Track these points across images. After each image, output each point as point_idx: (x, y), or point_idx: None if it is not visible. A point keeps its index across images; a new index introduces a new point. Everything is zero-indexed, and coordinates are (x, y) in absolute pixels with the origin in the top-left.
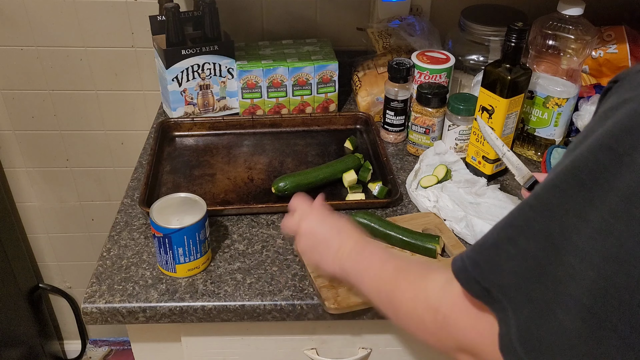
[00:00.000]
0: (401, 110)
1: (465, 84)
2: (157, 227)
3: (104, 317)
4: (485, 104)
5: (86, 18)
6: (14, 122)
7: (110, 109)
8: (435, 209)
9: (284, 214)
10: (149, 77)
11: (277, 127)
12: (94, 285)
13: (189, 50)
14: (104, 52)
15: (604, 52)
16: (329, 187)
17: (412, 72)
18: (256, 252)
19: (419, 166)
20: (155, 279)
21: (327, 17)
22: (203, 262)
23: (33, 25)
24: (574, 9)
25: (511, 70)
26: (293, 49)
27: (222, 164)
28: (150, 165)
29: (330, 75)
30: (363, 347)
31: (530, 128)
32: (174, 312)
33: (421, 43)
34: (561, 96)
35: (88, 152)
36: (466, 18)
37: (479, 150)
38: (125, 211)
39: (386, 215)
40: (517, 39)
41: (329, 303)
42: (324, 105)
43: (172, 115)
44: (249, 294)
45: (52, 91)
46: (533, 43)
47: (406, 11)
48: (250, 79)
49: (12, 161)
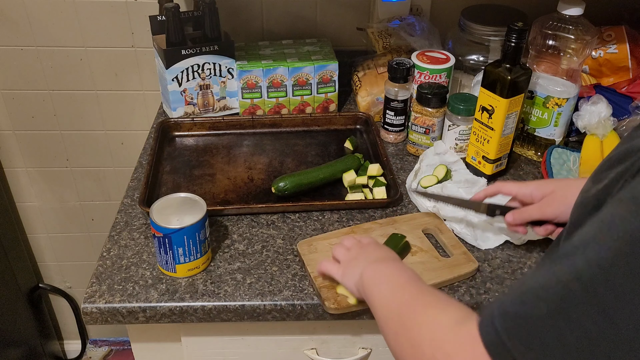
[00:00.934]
0: (401, 110)
1: (465, 84)
2: (157, 227)
3: (104, 317)
4: (485, 104)
5: (86, 18)
6: (14, 122)
7: (110, 109)
8: (435, 209)
9: (284, 214)
10: (149, 77)
11: (277, 127)
12: (94, 285)
13: (189, 50)
14: (104, 52)
15: (604, 52)
16: (329, 187)
17: (412, 72)
18: (256, 252)
19: (419, 166)
20: (155, 279)
21: (327, 17)
22: (203, 262)
23: (33, 25)
24: (574, 9)
25: (511, 70)
26: (293, 49)
27: (222, 164)
28: (150, 165)
29: (330, 75)
30: (363, 347)
31: (530, 128)
32: (174, 312)
33: (421, 43)
34: (561, 96)
35: (88, 152)
36: (466, 18)
37: (479, 150)
38: (125, 211)
39: (386, 215)
40: (517, 39)
41: (329, 303)
42: (324, 105)
43: (172, 115)
44: (249, 294)
45: (52, 91)
46: (533, 43)
47: (406, 11)
48: (250, 79)
49: (12, 161)
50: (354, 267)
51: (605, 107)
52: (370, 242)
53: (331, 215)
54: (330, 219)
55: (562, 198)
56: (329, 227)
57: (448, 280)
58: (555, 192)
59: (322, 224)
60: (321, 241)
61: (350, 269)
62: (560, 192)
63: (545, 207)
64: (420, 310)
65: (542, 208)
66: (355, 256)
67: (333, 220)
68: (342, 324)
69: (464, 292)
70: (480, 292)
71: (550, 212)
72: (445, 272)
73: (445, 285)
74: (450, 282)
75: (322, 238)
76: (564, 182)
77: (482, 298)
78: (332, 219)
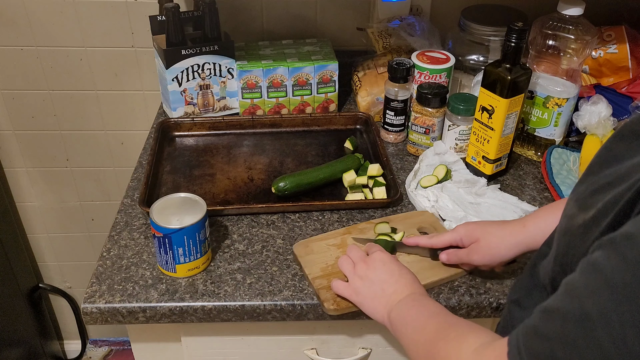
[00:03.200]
0: (401, 110)
1: (465, 84)
2: (157, 227)
3: (104, 317)
4: (485, 104)
5: (86, 18)
6: (14, 122)
7: (110, 109)
8: (435, 209)
9: (284, 214)
10: (149, 77)
11: (277, 127)
12: (94, 285)
13: (189, 50)
14: (104, 52)
15: (604, 52)
16: (329, 187)
17: (412, 72)
18: (256, 252)
19: (419, 166)
20: (155, 279)
21: (327, 17)
22: (203, 262)
23: (33, 25)
24: (574, 9)
25: (511, 70)
26: (293, 49)
27: (222, 164)
28: (150, 165)
29: (330, 75)
30: (363, 347)
31: (530, 128)
32: (174, 312)
33: (421, 43)
34: (561, 96)
35: (88, 152)
36: (466, 18)
37: (479, 150)
38: (125, 211)
39: (386, 215)
40: (517, 39)
41: (328, 304)
42: (324, 105)
43: (172, 115)
44: (249, 294)
45: (52, 91)
46: (533, 43)
47: (406, 11)
48: (250, 79)
49: (12, 161)
50: (373, 298)
51: (605, 107)
52: (375, 259)
53: (331, 215)
54: (330, 219)
55: (486, 248)
56: (329, 227)
57: (445, 278)
58: (480, 241)
59: (322, 224)
60: (317, 242)
61: (369, 302)
62: (484, 241)
63: (472, 254)
64: (442, 346)
65: (470, 255)
66: (364, 275)
67: (333, 220)
68: (342, 324)
69: (464, 292)
70: (480, 292)
71: (477, 260)
72: (442, 270)
73: (443, 283)
74: (448, 281)
75: (318, 239)
76: (487, 229)
77: (482, 298)
78: (332, 219)
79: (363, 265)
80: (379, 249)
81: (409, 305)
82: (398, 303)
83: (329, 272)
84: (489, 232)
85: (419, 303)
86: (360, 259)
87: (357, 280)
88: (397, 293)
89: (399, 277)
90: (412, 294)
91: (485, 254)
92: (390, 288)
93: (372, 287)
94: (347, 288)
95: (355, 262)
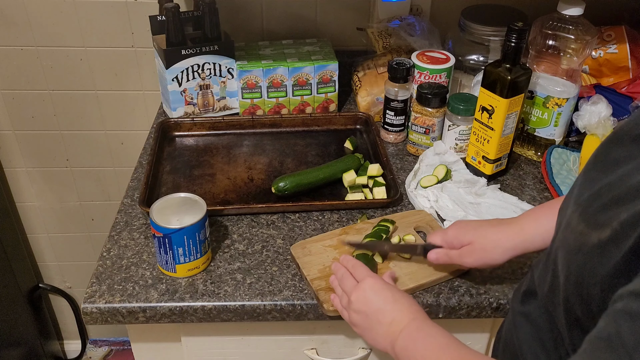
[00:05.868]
0: (401, 110)
1: (465, 84)
2: (157, 227)
3: (104, 317)
4: (485, 104)
5: (86, 18)
6: (14, 122)
7: (110, 109)
8: (433, 210)
9: (284, 214)
10: (149, 77)
11: (277, 127)
12: (94, 285)
13: (189, 50)
14: (104, 52)
15: (604, 52)
16: (329, 187)
17: (412, 72)
18: (256, 252)
19: (419, 166)
20: (155, 279)
21: (327, 17)
22: (203, 262)
23: (33, 25)
24: (574, 9)
25: (511, 70)
26: (293, 49)
27: (222, 164)
28: (150, 165)
29: (330, 75)
30: (363, 347)
31: (530, 128)
32: (174, 312)
33: (421, 43)
34: (561, 96)
35: (88, 152)
36: (466, 18)
37: (479, 150)
38: (125, 211)
39: (386, 215)
40: (517, 39)
41: (327, 305)
42: (324, 105)
43: (172, 115)
44: (249, 294)
45: (52, 91)
46: (533, 43)
47: (406, 11)
48: (250, 79)
49: (12, 161)
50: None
51: (605, 107)
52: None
53: (331, 215)
54: (330, 219)
55: (480, 251)
56: (329, 227)
57: (443, 277)
58: (474, 243)
59: (322, 224)
60: (314, 243)
61: (368, 334)
62: (478, 244)
63: (465, 256)
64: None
65: (462, 257)
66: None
67: (333, 220)
68: (342, 324)
69: (464, 292)
70: (480, 292)
71: (470, 262)
72: (439, 269)
73: (441, 282)
74: (445, 280)
75: (315, 240)
76: (481, 232)
77: (482, 298)
78: (332, 219)
79: (354, 298)
80: (367, 274)
81: (412, 336)
82: (400, 334)
83: (327, 274)
84: (483, 235)
85: (424, 333)
86: (351, 289)
87: (352, 314)
88: (397, 322)
89: (394, 304)
90: (413, 320)
91: (479, 258)
92: (387, 317)
93: (367, 320)
94: (343, 311)
95: (347, 293)
